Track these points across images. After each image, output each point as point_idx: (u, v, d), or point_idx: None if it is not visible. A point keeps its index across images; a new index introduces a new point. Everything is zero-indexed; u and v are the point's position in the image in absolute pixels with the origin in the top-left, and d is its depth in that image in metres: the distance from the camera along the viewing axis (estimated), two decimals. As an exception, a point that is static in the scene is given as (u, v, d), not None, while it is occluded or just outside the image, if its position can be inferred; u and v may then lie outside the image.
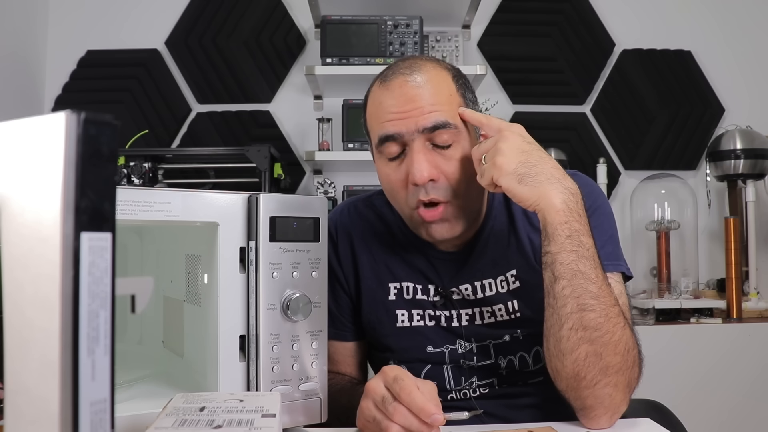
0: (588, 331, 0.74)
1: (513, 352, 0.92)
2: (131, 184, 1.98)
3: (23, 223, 0.37)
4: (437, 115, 0.84)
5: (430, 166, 0.84)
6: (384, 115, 0.86)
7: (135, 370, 0.87)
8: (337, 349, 1.01)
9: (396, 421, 0.68)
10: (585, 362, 0.74)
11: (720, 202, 2.42)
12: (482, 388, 0.93)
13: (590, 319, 0.74)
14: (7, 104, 2.16)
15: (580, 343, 0.74)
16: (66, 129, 0.36)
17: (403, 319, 0.96)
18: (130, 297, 0.86)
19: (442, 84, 0.87)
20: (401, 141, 0.85)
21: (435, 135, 0.84)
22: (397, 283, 0.97)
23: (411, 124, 0.84)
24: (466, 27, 2.38)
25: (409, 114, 0.84)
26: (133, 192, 0.68)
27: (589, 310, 0.74)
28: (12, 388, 0.38)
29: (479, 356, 0.93)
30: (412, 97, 0.84)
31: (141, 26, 2.40)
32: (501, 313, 0.92)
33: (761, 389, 1.96)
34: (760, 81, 2.49)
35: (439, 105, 0.85)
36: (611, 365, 0.75)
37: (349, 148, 2.08)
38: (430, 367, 0.94)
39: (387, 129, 0.86)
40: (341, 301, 1.00)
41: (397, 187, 0.88)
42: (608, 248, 0.89)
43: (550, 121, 2.41)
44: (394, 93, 0.86)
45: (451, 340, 0.94)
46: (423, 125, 0.84)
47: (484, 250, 0.94)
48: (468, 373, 0.94)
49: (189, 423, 0.53)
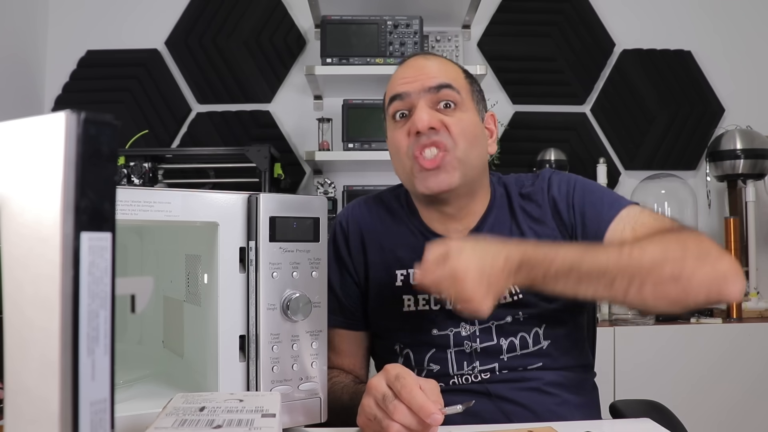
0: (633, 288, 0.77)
1: (514, 333, 0.95)
2: (131, 184, 1.98)
3: (23, 223, 0.37)
4: (442, 78, 0.95)
5: (431, 117, 0.92)
6: (396, 80, 0.98)
7: (135, 370, 0.87)
8: (344, 338, 1.03)
9: (396, 419, 0.69)
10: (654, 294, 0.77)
11: (720, 202, 2.42)
12: (484, 373, 0.95)
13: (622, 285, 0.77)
14: (7, 104, 2.16)
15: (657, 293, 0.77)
16: (66, 129, 0.36)
17: (410, 303, 0.99)
18: (130, 297, 0.86)
19: (452, 66, 1.00)
20: (408, 101, 0.95)
21: (440, 95, 0.94)
22: (404, 270, 1.00)
23: (418, 85, 0.95)
24: (466, 27, 2.39)
25: (417, 78, 0.95)
26: (133, 192, 0.68)
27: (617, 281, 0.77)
28: (12, 388, 0.38)
29: (482, 338, 0.95)
30: (422, 66, 0.97)
31: (141, 26, 2.40)
32: (504, 295, 0.95)
33: (761, 389, 1.96)
34: (760, 81, 2.49)
35: (446, 74, 0.96)
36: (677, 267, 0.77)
37: (349, 148, 2.08)
38: (434, 351, 0.97)
39: (396, 89, 0.97)
40: (350, 290, 1.03)
41: (400, 142, 0.95)
42: (608, 197, 0.95)
43: (550, 121, 2.41)
44: (407, 65, 0.99)
45: (455, 323, 0.97)
46: (429, 85, 0.94)
47: None
48: (470, 358, 0.96)
49: (189, 423, 0.53)
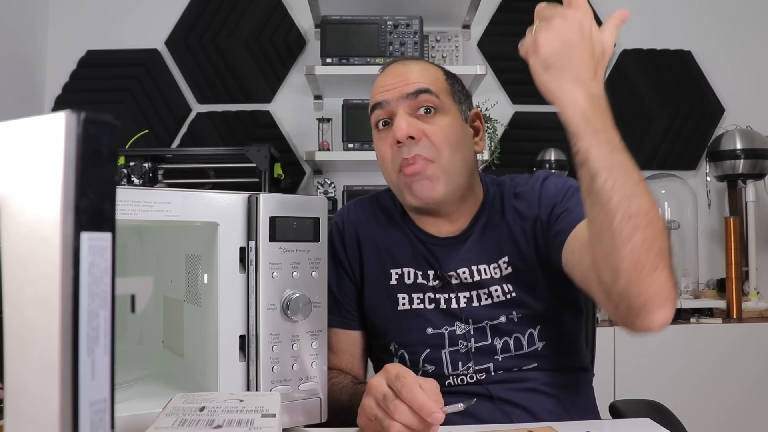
0: (639, 217, 0.72)
1: (508, 334, 0.95)
2: (131, 184, 1.98)
3: (23, 223, 0.37)
4: (420, 83, 0.94)
5: (409, 125, 0.92)
6: (376, 89, 0.99)
7: (135, 370, 0.87)
8: (341, 338, 1.03)
9: (397, 418, 0.69)
10: (642, 248, 0.72)
11: (720, 202, 2.42)
12: (479, 373, 0.95)
13: (639, 205, 0.72)
14: (7, 104, 2.16)
15: (635, 230, 0.71)
16: (66, 129, 0.36)
17: (404, 302, 0.99)
18: (130, 297, 0.86)
19: (431, 69, 0.99)
20: (388, 109, 0.95)
21: (419, 100, 0.94)
22: (399, 269, 1.01)
23: (396, 92, 0.95)
24: (466, 27, 2.39)
25: (395, 85, 0.95)
26: (133, 192, 0.68)
27: (636, 196, 0.72)
28: (12, 388, 0.38)
29: (476, 337, 0.95)
30: (400, 73, 0.97)
31: (141, 26, 2.40)
32: (497, 293, 0.95)
33: (761, 389, 1.96)
34: (760, 81, 2.49)
35: (424, 78, 0.96)
36: (664, 248, 0.73)
37: (349, 148, 2.08)
38: (429, 351, 0.97)
39: (376, 98, 0.97)
40: (347, 289, 1.04)
41: (385, 153, 0.96)
42: None
43: (550, 121, 2.41)
44: (386, 73, 0.99)
45: (449, 322, 0.97)
46: (407, 91, 0.94)
47: (479, 238, 0.99)
48: (465, 359, 0.95)
49: (189, 423, 0.53)
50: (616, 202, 0.72)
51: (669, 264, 0.74)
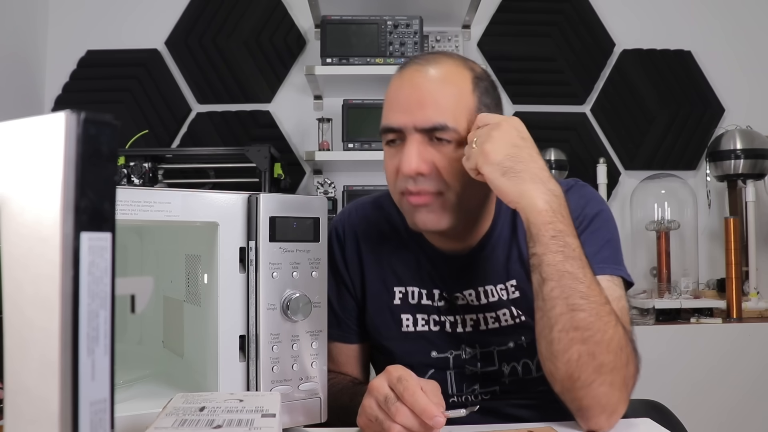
0: (579, 331, 0.73)
1: (516, 359, 0.92)
2: (131, 184, 1.98)
3: (23, 223, 0.37)
4: (437, 117, 0.83)
5: (420, 159, 0.84)
6: (390, 105, 0.88)
7: (135, 370, 0.87)
8: (341, 350, 1.01)
9: (398, 421, 0.68)
10: (578, 362, 0.73)
11: (720, 202, 2.42)
12: (484, 395, 0.93)
13: (581, 319, 0.73)
14: (7, 104, 2.16)
15: (572, 343, 0.73)
16: (66, 129, 0.36)
17: (408, 323, 0.96)
18: (130, 297, 0.86)
19: (455, 83, 0.86)
20: (400, 134, 0.86)
21: (434, 133, 0.84)
22: (402, 288, 0.97)
23: (410, 120, 0.84)
24: (466, 27, 2.38)
25: (410, 109, 0.84)
26: (133, 192, 0.68)
27: (579, 309, 0.73)
28: (12, 388, 0.38)
29: (483, 363, 0.93)
30: (417, 89, 0.85)
31: (141, 26, 2.40)
32: (506, 317, 0.92)
33: (761, 389, 1.96)
34: (760, 81, 2.49)
35: (443, 106, 0.84)
36: (605, 364, 0.74)
37: (349, 148, 2.08)
38: (433, 371, 0.94)
39: (389, 121, 0.87)
40: (347, 304, 1.00)
41: (390, 172, 0.90)
42: (606, 252, 0.88)
43: (550, 121, 2.41)
44: (404, 83, 0.87)
45: (455, 346, 0.94)
46: (421, 125, 0.83)
47: (489, 258, 0.94)
48: (471, 380, 0.94)
49: (189, 423, 0.53)
50: (558, 312, 0.74)
51: (612, 379, 0.75)
